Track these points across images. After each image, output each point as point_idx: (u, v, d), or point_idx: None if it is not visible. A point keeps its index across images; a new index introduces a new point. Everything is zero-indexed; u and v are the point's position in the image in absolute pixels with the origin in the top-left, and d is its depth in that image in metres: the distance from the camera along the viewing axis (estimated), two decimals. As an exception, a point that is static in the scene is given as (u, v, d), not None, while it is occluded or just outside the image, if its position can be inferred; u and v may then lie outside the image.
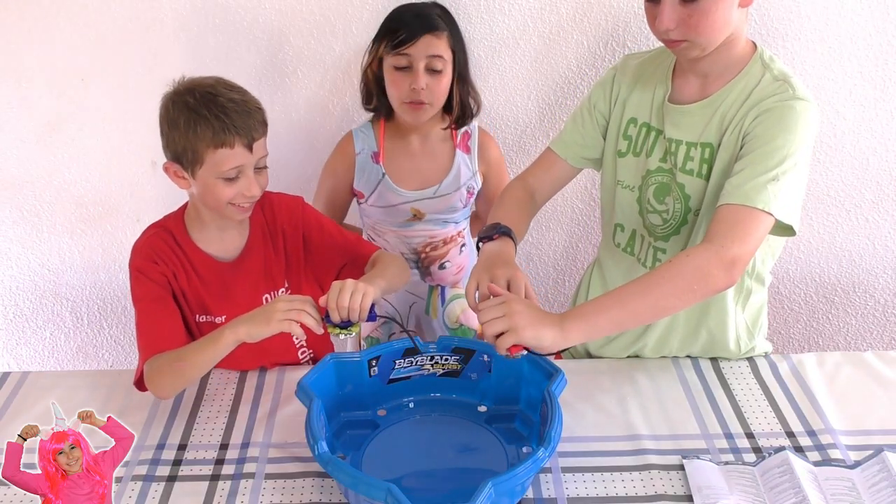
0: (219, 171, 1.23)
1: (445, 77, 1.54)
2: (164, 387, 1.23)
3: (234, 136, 1.21)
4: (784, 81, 1.17)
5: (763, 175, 1.11)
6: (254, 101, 1.26)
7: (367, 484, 0.97)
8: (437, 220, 1.69)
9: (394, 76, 1.53)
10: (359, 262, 1.40)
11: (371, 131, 1.66)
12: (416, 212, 1.67)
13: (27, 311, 2.10)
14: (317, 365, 1.18)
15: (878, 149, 1.87)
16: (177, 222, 1.34)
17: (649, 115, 1.31)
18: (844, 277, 2.05)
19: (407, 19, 1.51)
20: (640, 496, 1.09)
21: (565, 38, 1.75)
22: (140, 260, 1.30)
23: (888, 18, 1.72)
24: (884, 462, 1.11)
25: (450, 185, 1.66)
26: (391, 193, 1.65)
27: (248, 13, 1.71)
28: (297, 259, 1.40)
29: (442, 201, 1.66)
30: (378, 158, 1.64)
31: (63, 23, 1.71)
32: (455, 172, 1.66)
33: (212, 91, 1.22)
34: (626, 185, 1.36)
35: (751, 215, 1.10)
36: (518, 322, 1.07)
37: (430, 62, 1.51)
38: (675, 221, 1.30)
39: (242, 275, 1.35)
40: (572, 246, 2.04)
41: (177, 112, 1.22)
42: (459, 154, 1.66)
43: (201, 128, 1.20)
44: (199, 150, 1.21)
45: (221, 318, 1.33)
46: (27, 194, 1.92)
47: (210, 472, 1.14)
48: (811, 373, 1.34)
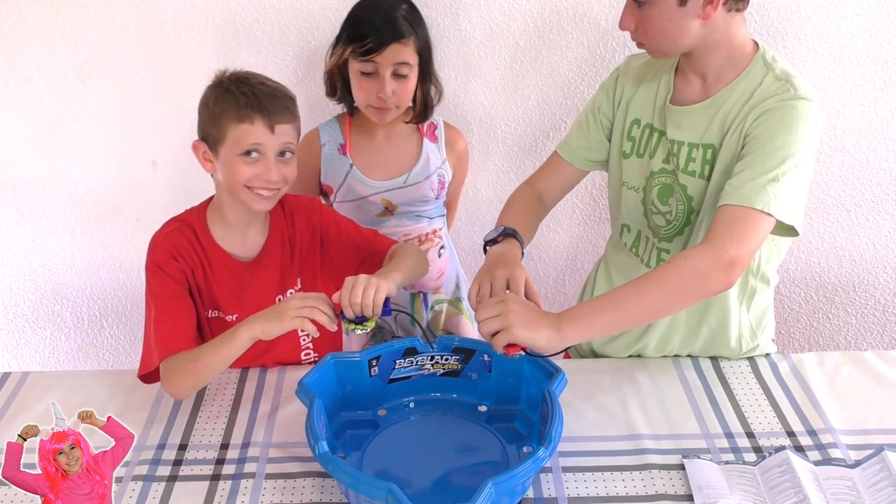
0: (239, 147, 1.23)
1: (411, 80, 1.55)
2: (180, 387, 1.24)
3: (257, 113, 1.22)
4: (786, 81, 1.17)
5: (763, 175, 1.11)
6: (286, 91, 1.28)
7: (367, 484, 0.97)
8: (410, 214, 1.68)
9: (360, 81, 1.53)
10: (376, 257, 1.40)
11: (337, 125, 1.66)
12: (388, 203, 1.65)
13: (27, 311, 2.10)
14: (317, 364, 1.18)
15: (878, 149, 1.87)
16: (199, 218, 1.34)
17: (652, 116, 1.31)
18: (845, 277, 2.05)
19: (374, 25, 1.49)
20: (640, 496, 1.09)
21: (565, 38, 1.75)
22: (160, 255, 1.30)
23: (888, 18, 1.72)
24: (884, 461, 1.11)
25: (420, 172, 1.65)
26: (360, 185, 1.64)
27: (248, 13, 1.71)
28: (312, 259, 1.40)
29: (413, 190, 1.65)
30: (345, 150, 1.64)
31: (63, 23, 1.71)
32: (424, 160, 1.65)
33: (248, 76, 1.27)
34: (632, 186, 1.36)
35: (750, 216, 1.10)
36: (513, 321, 1.07)
37: (397, 68, 1.51)
38: (678, 223, 1.30)
39: (258, 274, 1.35)
40: (573, 246, 2.04)
41: (211, 93, 1.27)
42: (427, 142, 1.67)
43: (227, 102, 1.23)
44: (223, 125, 1.23)
45: (233, 317, 1.34)
46: (27, 194, 1.92)
47: (210, 472, 1.14)
48: (811, 372, 1.34)
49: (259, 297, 1.35)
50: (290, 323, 1.15)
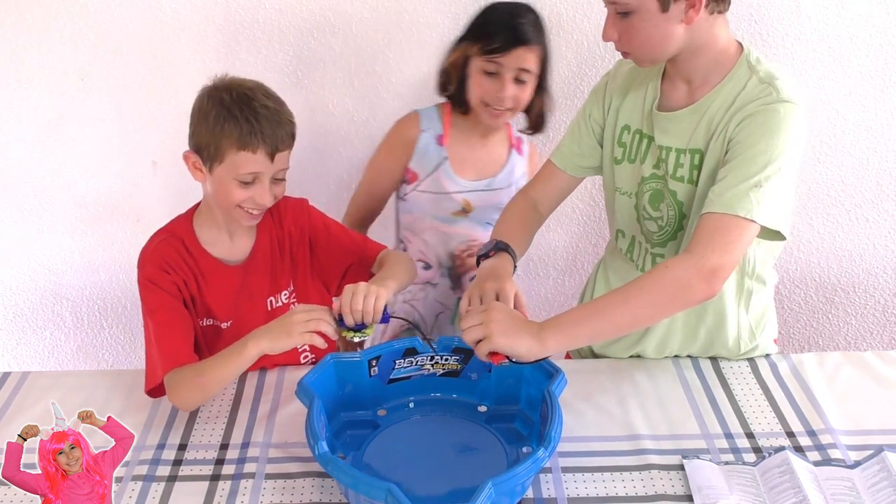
0: (236, 172, 1.22)
1: (530, 87, 1.55)
2: (187, 400, 1.23)
3: (259, 142, 1.20)
4: (769, 84, 1.15)
5: (745, 182, 1.10)
6: (287, 114, 1.25)
7: (367, 484, 0.97)
8: (482, 221, 1.68)
9: (480, 79, 1.53)
10: (365, 262, 1.40)
11: (436, 114, 1.65)
12: (466, 204, 1.66)
13: (27, 311, 2.10)
14: (317, 365, 1.18)
15: (879, 149, 1.87)
16: (186, 227, 1.33)
17: (641, 122, 1.30)
18: (844, 277, 2.05)
19: (502, 26, 1.50)
20: (640, 496, 1.09)
21: (565, 38, 1.75)
22: (151, 269, 1.28)
23: (888, 18, 1.72)
24: (884, 462, 1.11)
25: (503, 179, 1.67)
26: (447, 180, 1.64)
27: (248, 13, 1.71)
28: (303, 261, 1.40)
29: (493, 195, 1.66)
30: (442, 141, 1.64)
31: (63, 23, 1.71)
32: (510, 168, 1.67)
33: (248, 94, 1.22)
34: (624, 191, 1.35)
35: (733, 223, 1.09)
36: (493, 329, 1.07)
37: (519, 73, 1.51)
38: (670, 228, 1.30)
39: (249, 278, 1.35)
40: (572, 246, 2.04)
41: (210, 106, 1.22)
42: (514, 153, 1.68)
43: (229, 126, 1.20)
44: (223, 147, 1.21)
45: (227, 324, 1.34)
46: (27, 194, 1.92)
47: (210, 472, 1.14)
48: (811, 373, 1.34)
49: (251, 301, 1.34)
50: (300, 338, 1.15)
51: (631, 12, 1.13)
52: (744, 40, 1.23)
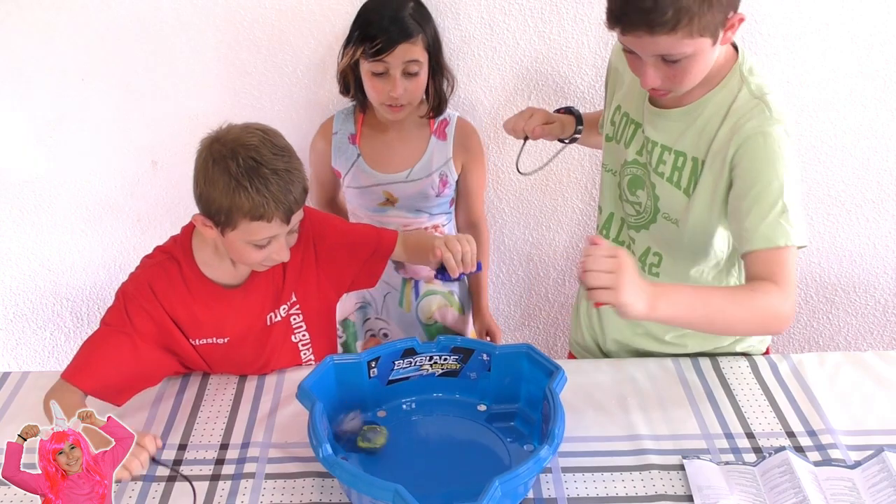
0: (251, 238, 1.19)
1: (422, 76, 1.57)
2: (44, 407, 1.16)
3: (273, 211, 1.15)
4: (760, 100, 1.16)
5: (771, 211, 1.12)
6: (297, 168, 1.20)
7: (373, 485, 0.97)
8: (410, 208, 1.71)
9: (372, 81, 1.56)
10: (383, 249, 1.40)
11: (352, 115, 1.71)
12: (389, 195, 1.69)
13: (27, 311, 2.09)
14: (317, 367, 1.18)
15: (879, 149, 1.87)
16: (184, 250, 1.28)
17: (632, 108, 1.32)
18: (845, 277, 2.05)
19: (382, 25, 1.50)
20: (640, 496, 1.09)
21: (565, 37, 1.75)
22: (134, 292, 1.25)
23: (888, 18, 1.72)
24: (884, 462, 1.11)
25: (421, 170, 1.68)
26: (364, 175, 1.68)
27: (248, 13, 1.71)
28: (309, 267, 1.36)
29: (413, 186, 1.68)
30: (355, 140, 1.69)
31: (63, 22, 1.70)
32: (427, 158, 1.68)
33: (256, 158, 1.15)
34: (609, 168, 1.39)
35: (780, 255, 1.12)
36: (623, 282, 1.02)
37: (407, 67, 1.53)
38: (646, 215, 1.31)
39: (248, 299, 1.32)
40: (572, 246, 2.03)
41: (217, 174, 1.15)
42: (434, 140, 1.69)
43: (240, 198, 1.14)
44: (235, 217, 1.16)
45: (224, 340, 1.31)
46: (27, 194, 1.91)
47: (210, 473, 1.14)
48: (811, 373, 1.34)
49: (249, 320, 1.32)
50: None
51: (686, 57, 1.11)
52: (744, 40, 1.23)
